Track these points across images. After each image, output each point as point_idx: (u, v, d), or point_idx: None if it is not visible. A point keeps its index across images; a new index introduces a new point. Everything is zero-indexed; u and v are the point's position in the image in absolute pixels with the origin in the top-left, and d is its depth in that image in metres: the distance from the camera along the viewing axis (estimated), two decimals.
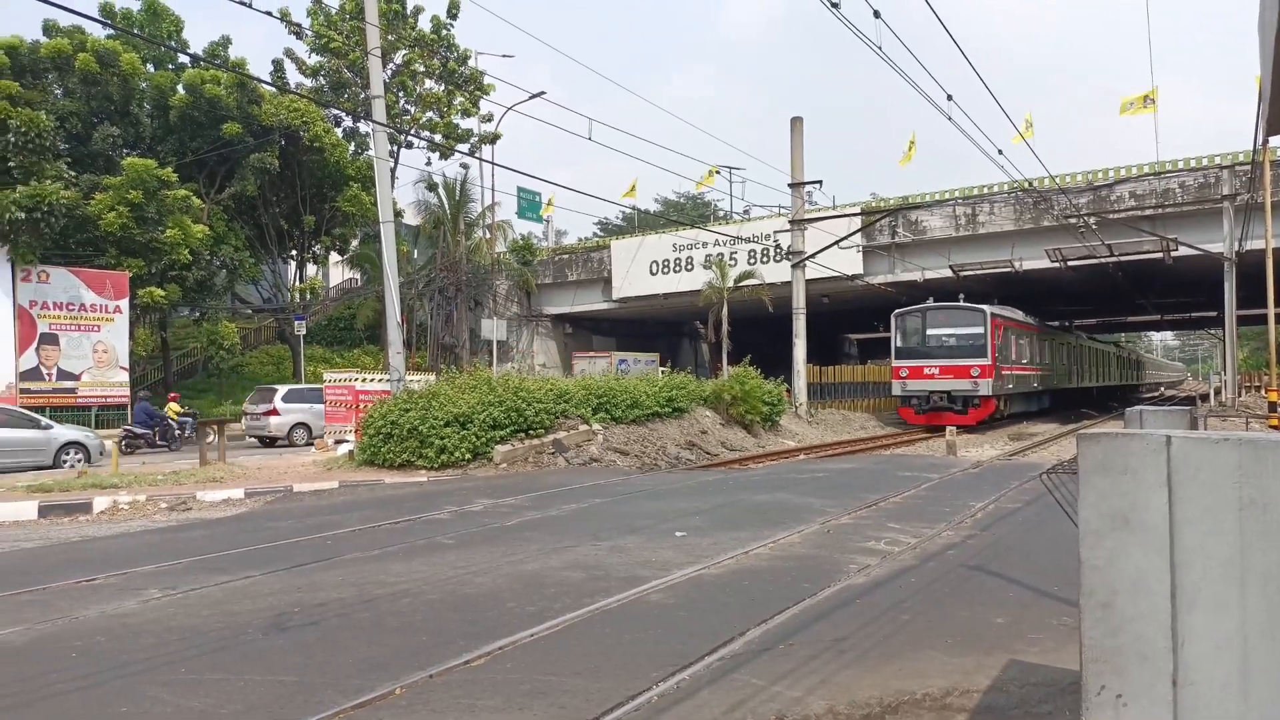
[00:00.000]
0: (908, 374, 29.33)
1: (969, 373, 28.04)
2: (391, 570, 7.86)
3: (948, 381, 28.33)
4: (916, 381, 28.99)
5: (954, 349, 28.66)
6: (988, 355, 27.97)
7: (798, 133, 26.16)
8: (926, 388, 28.74)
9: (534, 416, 17.32)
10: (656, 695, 4.70)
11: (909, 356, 29.52)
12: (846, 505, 11.16)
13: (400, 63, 38.63)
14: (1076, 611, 5.98)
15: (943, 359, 28.66)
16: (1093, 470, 2.37)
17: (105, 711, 4.58)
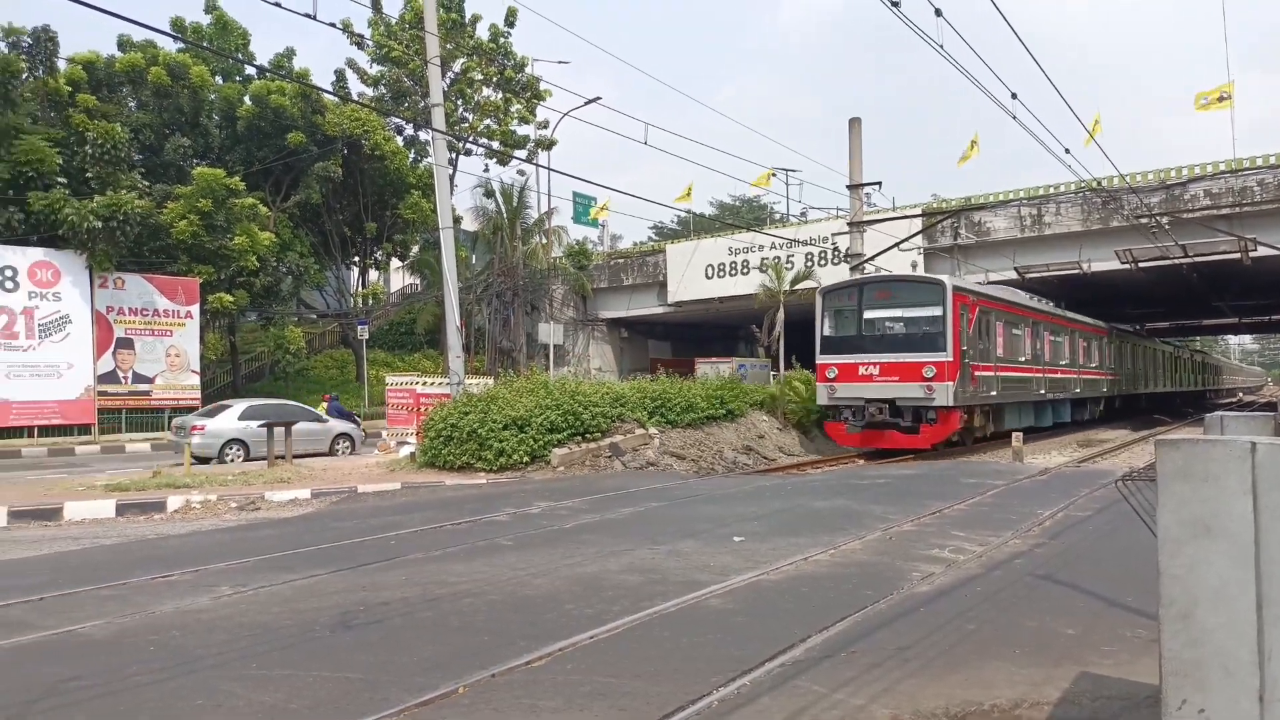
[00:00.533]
0: (837, 374, 20.54)
1: (919, 372, 19.29)
2: (453, 570, 7.96)
3: (889, 385, 19.73)
4: (848, 385, 20.27)
5: (900, 339, 20.17)
6: (947, 347, 19.18)
7: (856, 134, 25.87)
8: (861, 394, 20.00)
9: (590, 420, 17.40)
10: (717, 700, 4.68)
11: (839, 349, 20.94)
12: (909, 512, 10.99)
13: (459, 71, 39.18)
14: (1151, 623, 5.82)
15: (885, 352, 20.11)
16: (1172, 477, 2.30)
17: (181, 704, 4.72)
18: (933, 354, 19.23)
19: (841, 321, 21.18)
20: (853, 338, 20.75)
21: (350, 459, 20.58)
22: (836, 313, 21.31)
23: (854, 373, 20.17)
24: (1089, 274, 30.12)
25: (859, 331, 20.67)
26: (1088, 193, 28.20)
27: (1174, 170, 28.09)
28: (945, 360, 19.09)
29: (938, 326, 19.34)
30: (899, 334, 20.11)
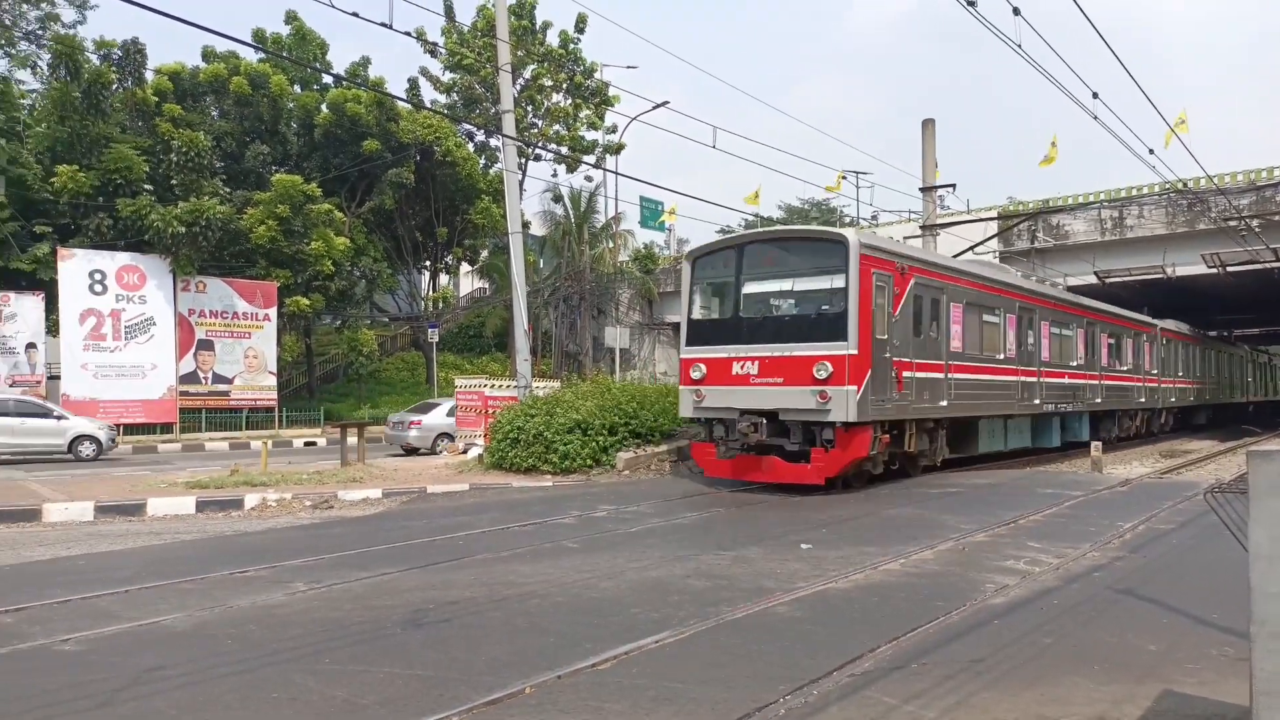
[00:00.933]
0: (705, 374, 14.43)
1: (809, 371, 13.24)
2: (519, 572, 8.03)
3: (771, 390, 13.70)
4: (719, 390, 14.22)
5: (787, 324, 14.17)
6: (849, 334, 13.17)
7: (929, 135, 25.43)
8: (734, 402, 13.99)
9: (651, 422, 17.40)
10: (784, 709, 4.62)
11: (709, 338, 14.78)
12: (982, 522, 10.73)
13: (529, 77, 39.63)
14: (1239, 641, 5.59)
15: (767, 343, 13.97)
16: (1266, 490, 2.19)
17: (258, 696, 4.85)
18: (828, 345, 13.03)
19: (715, 299, 15.07)
20: (728, 322, 14.48)
21: (423, 460, 20.95)
22: (710, 287, 15.05)
23: (727, 372, 13.92)
24: (1173, 278, 29.10)
25: (736, 313, 14.41)
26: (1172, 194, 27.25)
27: (1265, 170, 27.00)
28: (845, 354, 12.87)
29: (838, 304, 13.24)
30: (786, 316, 14.16)
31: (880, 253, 13.98)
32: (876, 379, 13.33)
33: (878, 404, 13.40)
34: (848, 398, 12.81)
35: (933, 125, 25.45)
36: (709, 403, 14.21)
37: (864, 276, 13.26)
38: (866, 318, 13.26)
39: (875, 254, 13.77)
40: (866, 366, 13.15)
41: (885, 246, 14.48)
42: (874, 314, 13.44)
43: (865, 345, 13.18)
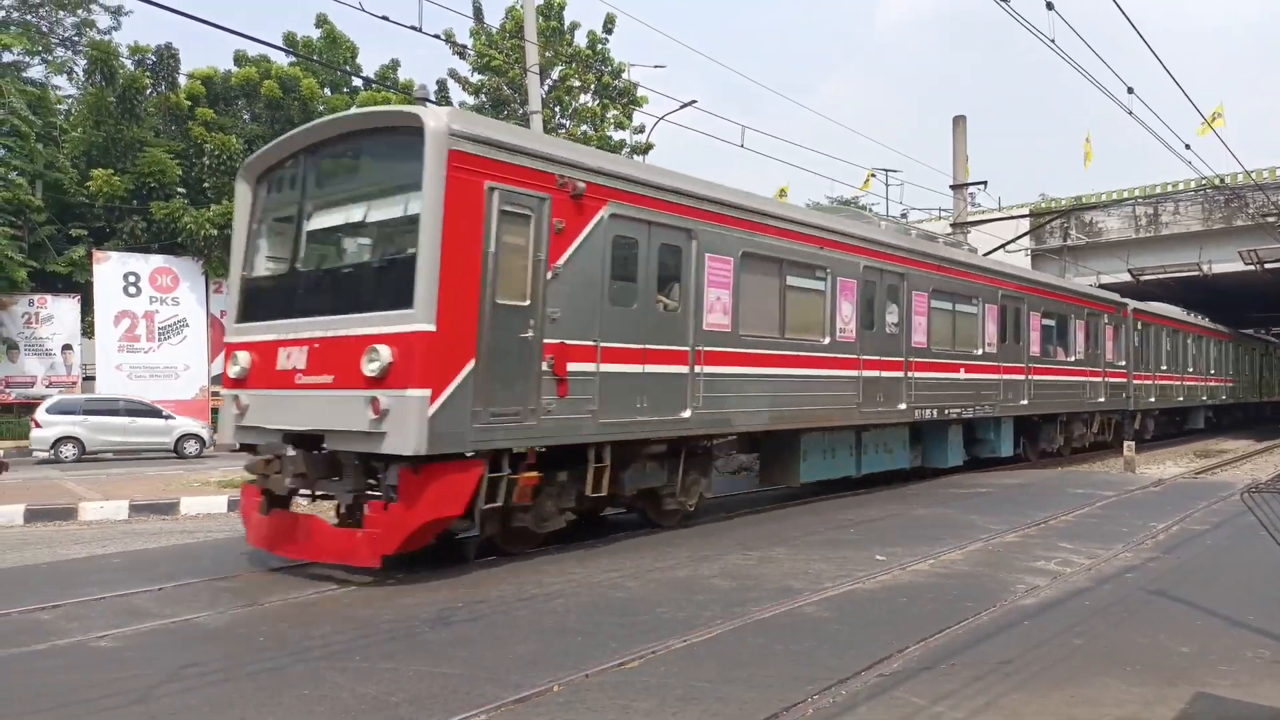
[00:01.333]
0: (246, 371, 8.86)
1: (358, 363, 7.59)
2: (546, 571, 8.06)
3: (315, 396, 8.05)
4: (261, 394, 8.66)
5: (344, 281, 8.80)
6: (416, 295, 7.49)
7: (960, 132, 25.21)
8: (272, 420, 8.46)
9: None
10: (812, 709, 4.61)
11: (260, 311, 9.11)
12: (1012, 522, 10.63)
13: (557, 78, 39.75)
14: (1274, 643, 5.51)
15: (320, 314, 8.35)
16: None
17: (290, 693, 4.91)
18: (387, 317, 7.73)
19: (279, 242, 9.36)
20: (283, 281, 9.18)
21: None
22: (276, 224, 9.45)
23: (272, 365, 8.52)
24: (1209, 275, 28.67)
25: (293, 265, 9.11)
26: (1209, 190, 26.82)
27: None
28: (414, 330, 7.49)
29: (406, 243, 7.93)
30: (346, 268, 8.90)
31: (508, 153, 8.12)
32: (491, 375, 7.81)
33: (493, 419, 7.83)
34: (413, 410, 7.27)
35: (964, 122, 25.25)
36: (250, 419, 8.64)
37: (458, 192, 7.61)
38: (462, 265, 7.64)
39: (496, 154, 8.00)
40: (462, 353, 7.63)
41: (524, 144, 8.45)
42: (489, 261, 7.84)
43: (460, 314, 7.62)
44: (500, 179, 7.98)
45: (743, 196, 11.16)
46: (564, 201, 8.57)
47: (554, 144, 9.53)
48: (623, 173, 9.47)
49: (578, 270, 8.72)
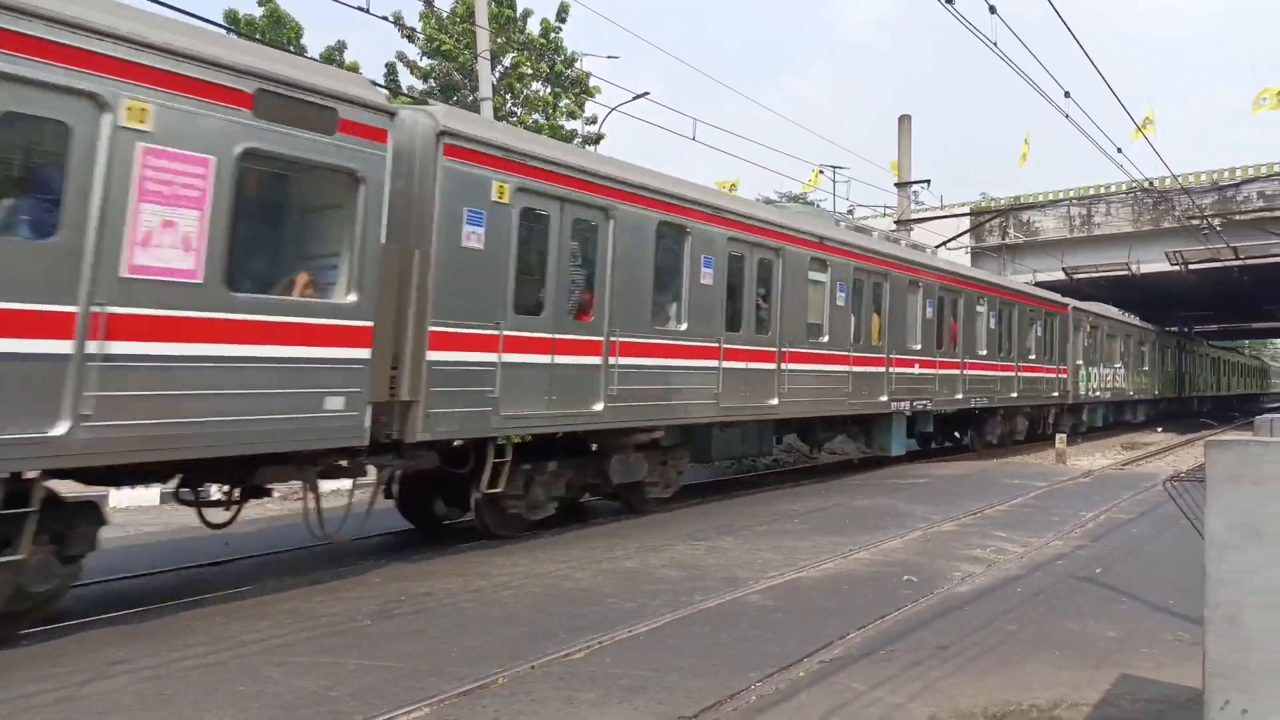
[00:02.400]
0: None
1: None
2: (494, 563, 8.04)
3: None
4: None
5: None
6: None
7: (905, 131, 25.64)
8: None
9: None
10: (755, 696, 4.70)
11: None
12: (950, 512, 10.89)
13: (509, 65, 39.45)
14: (1194, 627, 5.74)
15: None
16: (1221, 479, 2.28)
17: (225, 689, 4.83)
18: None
19: None
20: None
21: None
22: None
23: None
24: (1138, 275, 29.57)
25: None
26: (1139, 193, 27.67)
27: (1227, 171, 27.50)
28: None
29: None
30: None
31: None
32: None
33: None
34: None
35: (909, 121, 25.66)
36: None
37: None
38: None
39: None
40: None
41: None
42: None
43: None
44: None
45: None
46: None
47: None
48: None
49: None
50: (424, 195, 7.83)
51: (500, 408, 8.29)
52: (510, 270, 8.50)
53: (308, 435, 6.87)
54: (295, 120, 6.74)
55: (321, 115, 6.90)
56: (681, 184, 11.03)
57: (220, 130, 6.30)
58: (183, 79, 6.09)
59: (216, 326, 6.29)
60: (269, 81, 6.57)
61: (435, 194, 7.82)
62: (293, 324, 6.74)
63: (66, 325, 5.55)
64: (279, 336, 6.65)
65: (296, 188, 7.65)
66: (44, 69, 5.41)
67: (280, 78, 6.66)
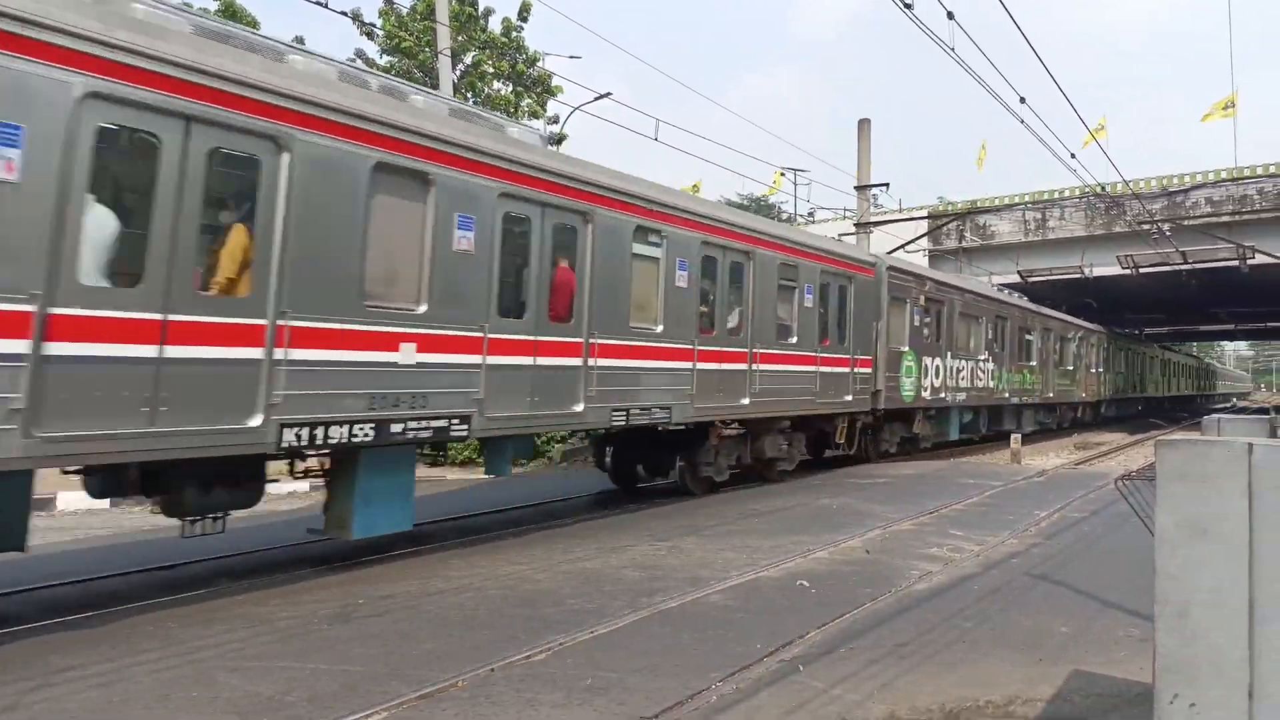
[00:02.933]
0: None
1: None
2: (453, 565, 7.98)
3: None
4: None
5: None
6: None
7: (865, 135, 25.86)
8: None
9: None
10: (716, 696, 4.71)
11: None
12: (908, 511, 11.01)
13: (470, 64, 39.22)
14: (1143, 623, 5.87)
15: None
16: (1170, 477, 2.33)
17: (179, 694, 4.74)
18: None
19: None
20: None
21: None
22: None
23: None
24: (1090, 278, 30.21)
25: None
26: (1092, 198, 28.26)
27: (1176, 177, 28.20)
28: None
29: None
30: None
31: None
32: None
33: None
34: None
35: (868, 125, 25.89)
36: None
37: None
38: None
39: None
40: None
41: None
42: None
43: None
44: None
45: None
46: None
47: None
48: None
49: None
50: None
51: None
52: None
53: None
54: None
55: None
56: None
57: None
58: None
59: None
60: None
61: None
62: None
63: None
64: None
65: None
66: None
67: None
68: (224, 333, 6.46)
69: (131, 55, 5.93)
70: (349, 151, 7.30)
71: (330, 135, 7.15)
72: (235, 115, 6.52)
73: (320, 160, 7.06)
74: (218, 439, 6.43)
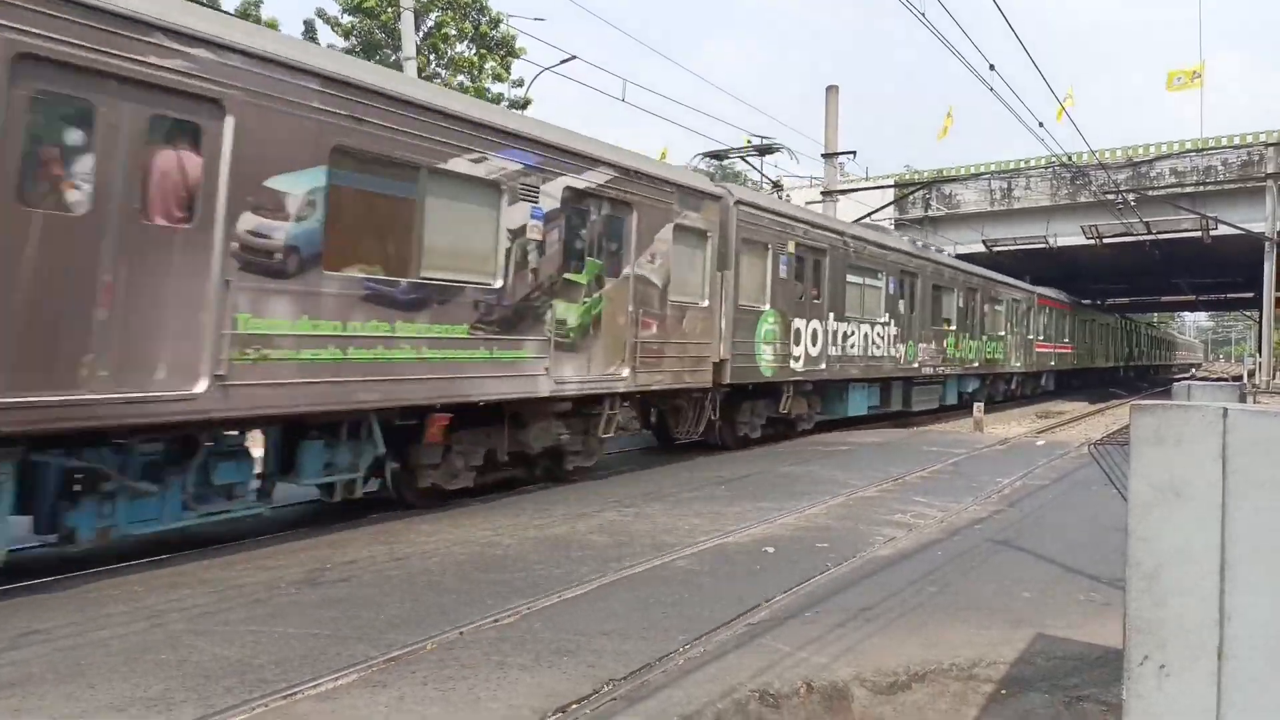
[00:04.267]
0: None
1: None
2: (420, 530, 7.94)
3: None
4: None
5: None
6: None
7: (833, 102, 25.81)
8: None
9: None
10: (684, 658, 4.74)
11: None
12: (871, 478, 11.13)
13: (433, 25, 38.48)
14: (1104, 588, 6.00)
15: None
16: (1145, 441, 2.35)
17: (146, 659, 4.67)
18: None
19: None
20: None
21: None
22: None
23: None
24: (1055, 248, 30.58)
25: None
26: (1058, 168, 28.49)
27: (1142, 148, 28.50)
28: None
29: None
30: None
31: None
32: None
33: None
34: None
35: (836, 92, 25.84)
36: None
37: None
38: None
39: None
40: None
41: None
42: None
43: None
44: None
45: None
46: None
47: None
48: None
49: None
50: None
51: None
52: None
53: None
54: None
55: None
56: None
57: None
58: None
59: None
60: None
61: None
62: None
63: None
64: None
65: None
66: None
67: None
68: None
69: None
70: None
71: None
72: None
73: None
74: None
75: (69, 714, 4.00)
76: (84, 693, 4.23)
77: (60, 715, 3.99)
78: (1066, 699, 4.35)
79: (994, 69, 14.48)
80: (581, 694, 4.28)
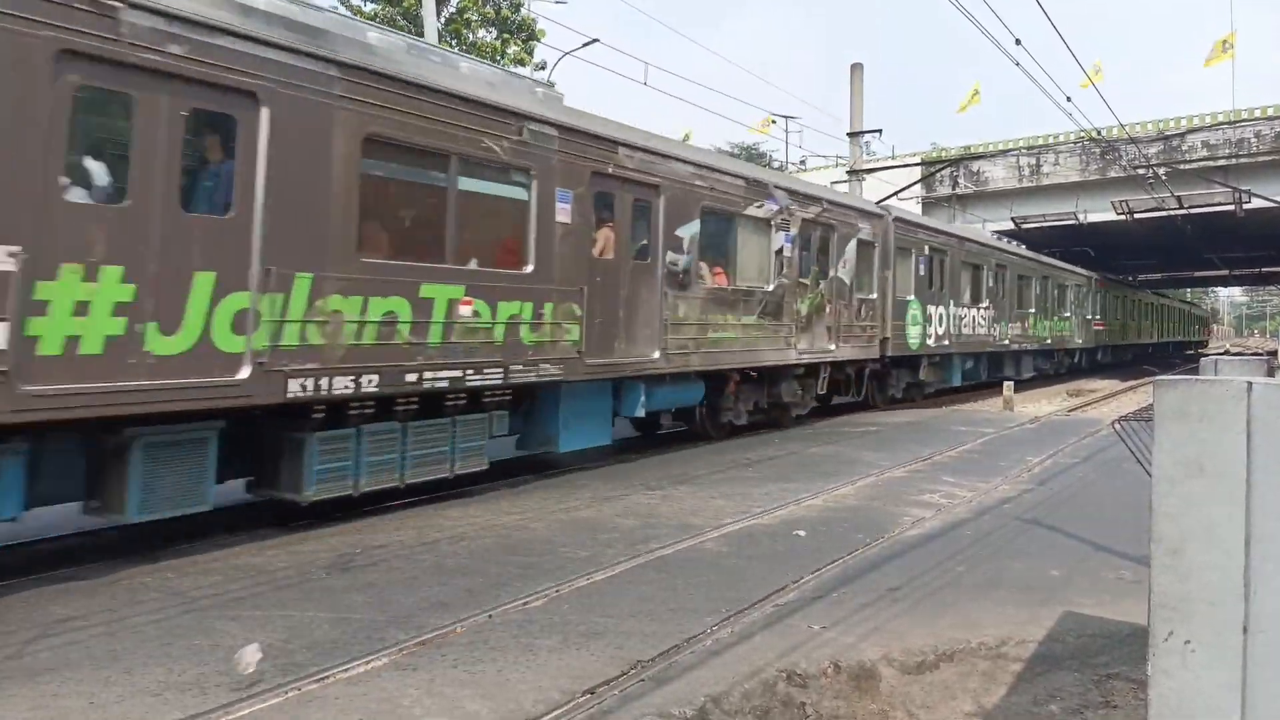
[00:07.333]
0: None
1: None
2: (448, 515, 8.02)
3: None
4: None
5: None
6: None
7: (857, 80, 25.51)
8: None
9: None
10: (712, 640, 4.76)
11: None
12: (900, 458, 11.08)
13: (454, 10, 38.50)
14: (1134, 566, 5.94)
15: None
16: (1169, 416, 2.32)
17: (180, 643, 4.77)
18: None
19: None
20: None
21: None
22: None
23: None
24: (1085, 225, 30.12)
25: None
26: (1087, 143, 28.01)
27: (1173, 121, 27.93)
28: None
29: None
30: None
31: None
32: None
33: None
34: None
35: (861, 70, 25.54)
36: None
37: None
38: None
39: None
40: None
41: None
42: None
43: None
44: None
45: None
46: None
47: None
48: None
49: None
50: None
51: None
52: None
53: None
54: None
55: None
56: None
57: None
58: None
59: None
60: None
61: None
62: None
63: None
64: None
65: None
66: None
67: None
68: None
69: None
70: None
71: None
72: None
73: None
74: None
75: (107, 699, 4.10)
76: (120, 677, 4.32)
77: (98, 700, 4.09)
78: (1096, 677, 4.33)
79: (1020, 43, 14.24)
80: (609, 676, 4.32)
